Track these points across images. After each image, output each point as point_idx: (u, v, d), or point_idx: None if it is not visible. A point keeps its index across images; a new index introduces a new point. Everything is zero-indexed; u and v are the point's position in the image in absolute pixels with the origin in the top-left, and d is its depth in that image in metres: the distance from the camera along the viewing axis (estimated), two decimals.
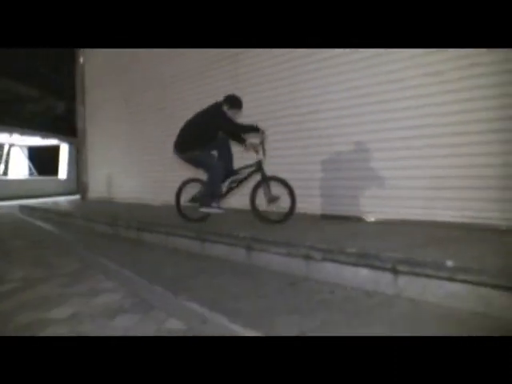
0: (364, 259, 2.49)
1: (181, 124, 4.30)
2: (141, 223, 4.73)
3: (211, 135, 4.17)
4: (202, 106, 4.31)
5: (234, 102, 4.14)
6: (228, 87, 5.77)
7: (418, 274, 2.24)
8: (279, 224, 4.01)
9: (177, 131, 4.28)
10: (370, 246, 2.71)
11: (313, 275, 2.75)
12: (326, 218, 4.69)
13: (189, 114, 4.40)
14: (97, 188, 9.59)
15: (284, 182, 4.07)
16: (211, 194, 4.15)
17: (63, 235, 5.25)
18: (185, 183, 4.57)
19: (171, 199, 5.10)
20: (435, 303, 2.14)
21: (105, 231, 5.36)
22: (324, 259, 2.69)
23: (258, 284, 2.63)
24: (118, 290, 2.80)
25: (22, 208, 9.25)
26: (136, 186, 8.08)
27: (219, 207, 4.16)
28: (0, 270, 3.47)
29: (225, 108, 4.11)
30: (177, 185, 4.64)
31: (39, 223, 6.75)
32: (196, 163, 4.27)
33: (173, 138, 4.27)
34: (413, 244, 2.81)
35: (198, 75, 6.51)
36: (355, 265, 2.52)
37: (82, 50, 10.09)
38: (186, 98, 6.74)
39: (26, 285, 2.98)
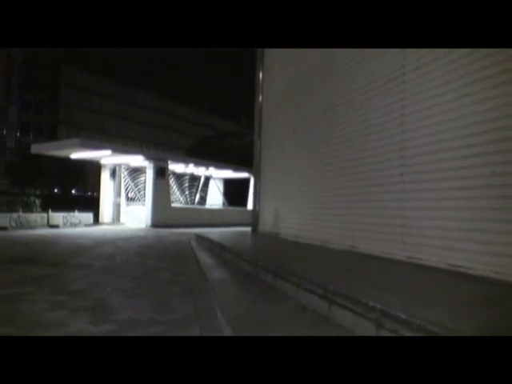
0: None
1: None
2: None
3: None
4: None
5: None
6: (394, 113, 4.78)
7: None
8: None
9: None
10: None
11: None
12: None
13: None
14: (266, 222, 9.59)
15: None
16: None
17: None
18: None
19: (329, 239, 4.27)
20: None
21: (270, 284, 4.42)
22: None
23: None
24: None
25: (198, 237, 9.84)
26: (301, 223, 7.57)
27: None
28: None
29: None
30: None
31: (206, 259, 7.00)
32: None
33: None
34: None
35: (360, 102, 5.68)
36: None
37: (261, 86, 10.44)
38: (347, 129, 5.97)
39: None
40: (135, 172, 15.73)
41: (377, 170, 5.14)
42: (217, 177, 19.17)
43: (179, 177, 17.89)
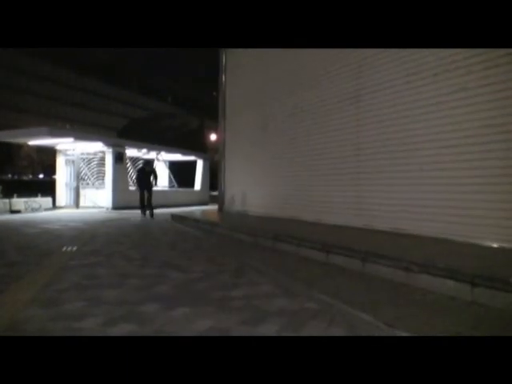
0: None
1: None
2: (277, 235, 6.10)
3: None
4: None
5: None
6: (349, 125, 6.95)
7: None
8: None
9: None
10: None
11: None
12: None
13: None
14: (234, 202, 11.43)
15: None
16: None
17: (217, 243, 6.93)
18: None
19: (297, 214, 6.42)
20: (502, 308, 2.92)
21: (246, 240, 6.86)
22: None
23: (368, 285, 3.68)
24: (269, 283, 4.08)
25: (174, 217, 11.48)
26: (267, 202, 9.59)
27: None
28: (185, 266, 5.05)
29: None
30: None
31: (195, 232, 8.68)
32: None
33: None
34: None
35: (322, 112, 7.73)
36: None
37: (224, 78, 11.92)
38: (312, 131, 8.02)
39: (207, 275, 4.45)
40: (90, 157, 16.35)
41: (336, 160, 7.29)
42: (162, 159, 20.25)
43: (134, 161, 18.71)
